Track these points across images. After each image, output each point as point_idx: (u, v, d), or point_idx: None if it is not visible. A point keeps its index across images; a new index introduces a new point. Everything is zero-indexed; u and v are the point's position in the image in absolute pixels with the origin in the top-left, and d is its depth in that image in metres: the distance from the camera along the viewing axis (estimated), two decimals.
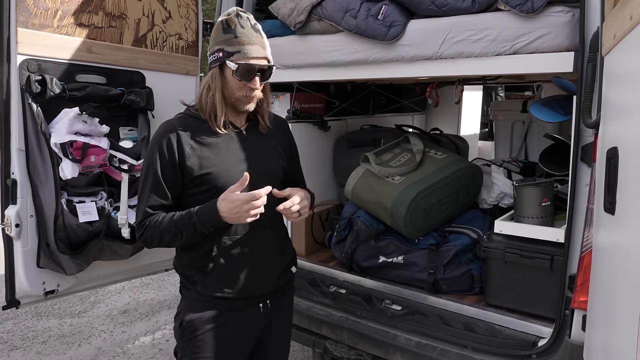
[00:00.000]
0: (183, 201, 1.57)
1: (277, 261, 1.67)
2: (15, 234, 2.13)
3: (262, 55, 1.52)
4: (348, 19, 2.27)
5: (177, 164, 1.51)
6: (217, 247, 1.54)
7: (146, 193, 1.53)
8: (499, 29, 1.93)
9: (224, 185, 1.50)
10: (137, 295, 4.29)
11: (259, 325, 1.65)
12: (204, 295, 1.57)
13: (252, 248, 1.58)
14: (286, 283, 1.74)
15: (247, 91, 1.52)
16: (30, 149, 2.14)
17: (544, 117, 2.30)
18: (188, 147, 1.52)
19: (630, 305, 0.93)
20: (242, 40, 1.49)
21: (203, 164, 1.52)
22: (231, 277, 1.56)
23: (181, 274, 1.63)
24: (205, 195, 1.52)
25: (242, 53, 1.48)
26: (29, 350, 3.34)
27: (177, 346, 1.65)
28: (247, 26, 1.50)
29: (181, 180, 1.53)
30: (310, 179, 3.04)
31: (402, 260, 2.42)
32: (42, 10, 2.15)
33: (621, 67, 1.22)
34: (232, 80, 1.51)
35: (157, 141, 1.53)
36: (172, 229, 1.49)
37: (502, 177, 2.75)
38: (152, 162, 1.52)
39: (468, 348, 1.98)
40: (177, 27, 2.69)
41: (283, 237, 1.73)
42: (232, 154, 1.56)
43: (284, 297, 1.76)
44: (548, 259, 1.99)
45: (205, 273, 1.55)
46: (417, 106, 4.07)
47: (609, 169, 1.20)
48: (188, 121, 1.57)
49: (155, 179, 1.51)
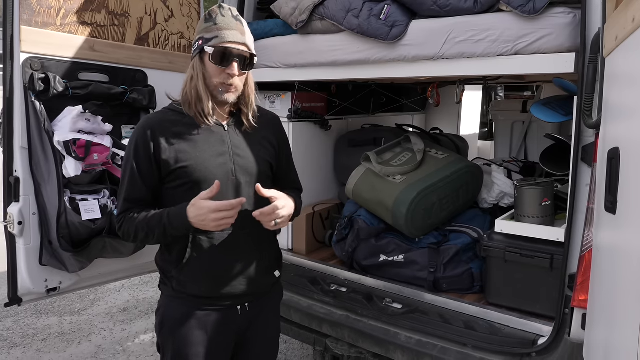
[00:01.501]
0: (163, 196, 1.56)
1: (255, 263, 1.61)
2: (17, 231, 2.14)
3: (241, 40, 1.50)
4: (350, 18, 2.28)
5: (153, 158, 1.50)
6: (192, 243, 1.52)
7: (124, 187, 1.54)
8: (501, 30, 1.94)
9: (200, 179, 1.50)
10: (137, 293, 4.30)
11: (236, 327, 1.61)
12: (179, 291, 1.56)
13: (228, 247, 1.55)
14: (268, 287, 1.69)
15: (225, 78, 1.49)
16: (33, 146, 2.14)
17: (545, 117, 2.32)
18: (164, 140, 1.50)
19: (631, 304, 0.95)
20: (220, 26, 1.48)
21: (179, 158, 1.50)
22: (204, 275, 1.54)
23: (160, 269, 1.63)
24: (183, 189, 1.51)
25: (220, 38, 1.48)
26: (29, 348, 3.34)
27: (159, 341, 1.65)
28: (227, 15, 1.50)
29: (157, 174, 1.52)
30: (311, 178, 3.08)
31: (402, 259, 2.43)
32: (45, 9, 2.16)
33: (623, 68, 1.23)
34: (210, 66, 1.49)
35: (134, 136, 1.54)
36: (145, 227, 1.49)
37: (502, 177, 2.77)
38: (130, 157, 1.53)
39: (468, 346, 1.99)
40: (179, 25, 2.70)
41: (264, 239, 1.65)
42: (210, 147, 1.54)
43: (268, 302, 1.70)
44: (548, 258, 2.00)
45: (181, 269, 1.54)
46: (418, 106, 4.09)
47: (611, 169, 1.21)
48: (168, 115, 1.57)
49: (132, 173, 1.52)
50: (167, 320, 1.58)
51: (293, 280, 2.55)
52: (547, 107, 2.36)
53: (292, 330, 2.47)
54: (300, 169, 1.87)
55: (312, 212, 2.91)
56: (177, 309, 1.57)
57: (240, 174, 1.55)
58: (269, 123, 1.70)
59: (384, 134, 3.14)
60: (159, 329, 1.61)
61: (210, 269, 1.55)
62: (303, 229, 2.88)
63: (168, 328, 1.58)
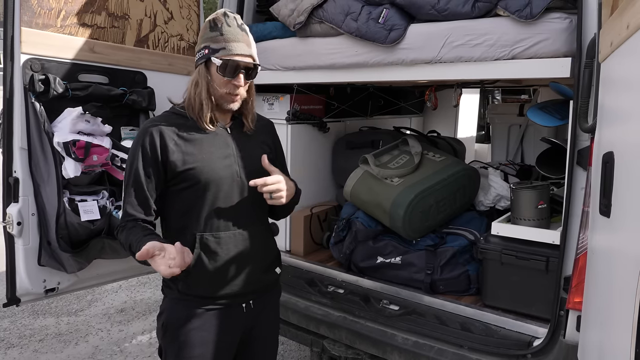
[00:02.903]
0: (168, 198, 1.57)
1: (260, 259, 1.65)
2: (16, 231, 2.14)
3: (247, 53, 1.53)
4: (349, 21, 2.29)
5: (160, 160, 1.51)
6: (199, 244, 1.53)
7: (127, 192, 1.54)
8: (498, 34, 1.96)
9: (208, 180, 1.52)
10: (134, 294, 4.30)
11: (242, 325, 1.64)
12: (185, 294, 1.56)
13: (234, 245, 1.57)
14: (270, 283, 1.72)
15: (231, 88, 1.52)
16: (33, 147, 2.15)
17: (541, 121, 2.34)
18: (172, 142, 1.52)
19: (625, 306, 0.96)
20: (228, 37, 1.50)
21: (186, 160, 1.52)
22: (212, 275, 1.55)
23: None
24: (190, 190, 1.52)
25: (227, 50, 1.49)
26: (26, 349, 3.34)
27: (160, 346, 1.64)
28: (233, 25, 1.52)
29: (164, 176, 1.53)
30: (309, 180, 3.09)
31: (399, 261, 2.45)
32: (46, 10, 2.17)
33: (618, 73, 1.25)
34: (216, 77, 1.51)
35: (139, 138, 1.54)
36: (126, 243, 1.50)
37: (499, 180, 2.78)
38: (134, 160, 1.52)
39: (464, 348, 2.00)
40: (179, 28, 2.71)
41: (266, 236, 1.71)
42: (216, 150, 1.56)
43: (270, 299, 1.74)
44: (544, 261, 2.02)
45: (187, 271, 1.52)
46: (415, 108, 4.11)
47: (605, 172, 1.23)
48: (172, 118, 1.58)
49: (137, 177, 1.51)
50: (170, 323, 1.58)
51: (290, 281, 2.56)
52: (544, 111, 2.38)
53: (290, 332, 2.48)
54: (298, 171, 1.89)
55: (310, 213, 2.92)
56: (182, 311, 1.57)
57: (244, 176, 1.58)
58: (266, 128, 1.76)
59: (381, 137, 3.15)
60: (162, 332, 1.60)
61: (217, 269, 1.56)
62: (301, 231, 2.89)
63: (172, 331, 1.57)
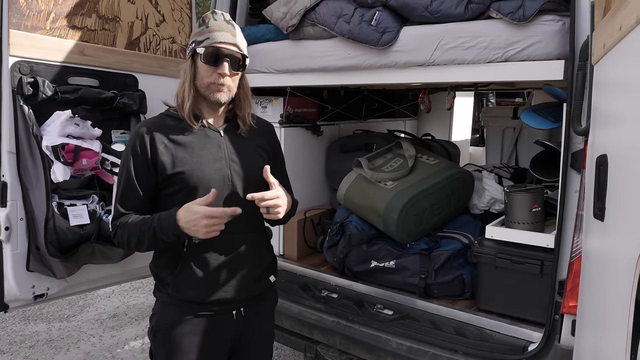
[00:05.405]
0: (159, 202, 1.55)
1: (252, 267, 1.61)
2: (4, 237, 2.11)
3: (232, 41, 1.52)
4: (341, 24, 2.28)
5: (150, 162, 1.50)
6: (187, 247, 1.52)
7: (119, 192, 1.53)
8: (491, 37, 1.95)
9: (197, 184, 1.50)
10: (127, 299, 4.26)
11: (232, 332, 1.61)
12: (174, 298, 1.55)
13: (223, 251, 1.54)
14: (263, 292, 1.68)
15: (216, 78, 1.50)
16: (21, 151, 2.12)
17: (535, 124, 2.33)
18: (162, 145, 1.51)
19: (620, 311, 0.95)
20: (212, 28, 1.51)
21: (176, 163, 1.50)
22: (201, 280, 1.53)
23: (155, 276, 1.61)
24: (179, 195, 1.51)
25: (211, 39, 1.50)
26: (17, 355, 3.30)
27: (151, 349, 1.63)
28: (219, 19, 1.54)
29: (155, 178, 1.52)
30: (302, 184, 3.07)
31: (393, 265, 2.43)
32: (34, 12, 2.14)
33: (611, 75, 1.24)
34: (201, 67, 1.51)
35: (131, 140, 1.54)
36: (137, 233, 1.48)
37: (493, 183, 2.78)
38: (126, 161, 1.52)
39: (459, 353, 1.98)
40: (171, 30, 2.69)
41: (260, 244, 1.66)
42: (207, 153, 1.54)
43: (263, 307, 1.70)
44: (538, 264, 2.01)
45: (176, 274, 1.53)
46: (409, 112, 4.10)
47: (599, 175, 1.22)
48: (165, 120, 1.57)
49: (128, 177, 1.51)
50: (160, 327, 1.57)
51: (284, 286, 2.54)
52: (537, 113, 2.38)
53: (283, 337, 2.45)
54: (292, 175, 1.87)
55: (304, 217, 2.90)
56: (172, 315, 1.56)
57: (236, 180, 1.55)
58: (264, 131, 1.72)
59: (375, 140, 3.15)
60: (152, 335, 1.59)
61: (207, 274, 1.54)
62: (294, 235, 2.87)
63: (162, 334, 1.56)
